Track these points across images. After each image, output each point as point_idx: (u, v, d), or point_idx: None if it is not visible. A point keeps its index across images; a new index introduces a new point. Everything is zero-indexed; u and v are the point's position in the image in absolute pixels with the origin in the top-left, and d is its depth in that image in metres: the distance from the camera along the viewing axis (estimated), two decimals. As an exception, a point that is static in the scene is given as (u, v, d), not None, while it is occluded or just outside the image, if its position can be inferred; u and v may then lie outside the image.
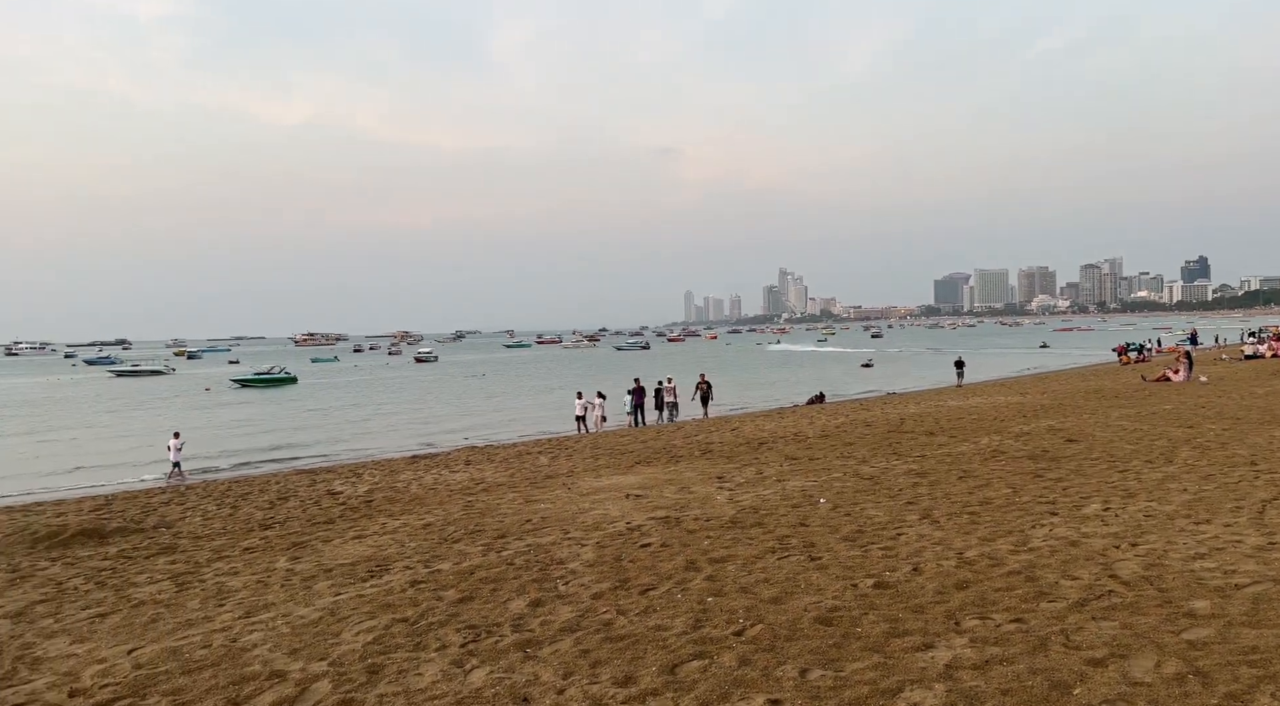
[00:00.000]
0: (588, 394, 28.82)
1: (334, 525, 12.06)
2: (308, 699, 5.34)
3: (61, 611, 8.15)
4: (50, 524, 13.30)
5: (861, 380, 52.87)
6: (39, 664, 6.54)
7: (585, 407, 27.95)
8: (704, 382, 30.98)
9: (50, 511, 15.40)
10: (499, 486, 14.79)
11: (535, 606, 6.88)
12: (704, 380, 31.25)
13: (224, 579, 8.97)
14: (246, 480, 19.11)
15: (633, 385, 29.70)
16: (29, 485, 22.56)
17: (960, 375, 40.59)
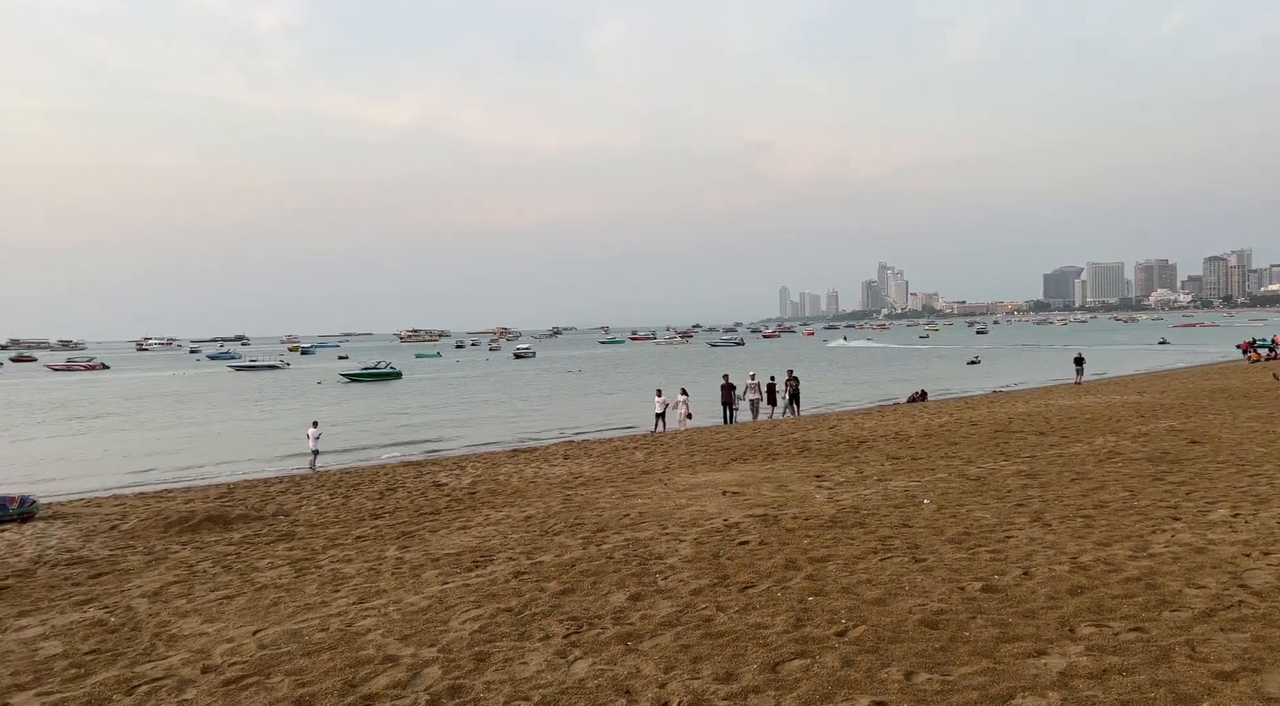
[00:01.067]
0: (668, 391, 28.57)
1: (440, 516, 12.45)
2: (419, 683, 5.54)
3: (193, 592, 8.67)
4: (180, 510, 14.16)
5: (966, 377, 51.26)
6: (175, 641, 6.99)
7: (665, 405, 27.73)
8: (792, 379, 30.27)
9: (180, 498, 16.40)
10: (596, 481, 14.99)
11: (635, 600, 6.96)
12: (791, 377, 30.54)
13: (339, 566, 9.39)
14: (357, 471, 19.90)
15: (749, 379, 29.37)
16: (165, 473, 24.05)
17: (1080, 372, 38.79)
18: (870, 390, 44.49)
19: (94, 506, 16.02)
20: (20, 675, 6.40)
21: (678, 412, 27.25)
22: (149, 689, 5.84)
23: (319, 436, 23.69)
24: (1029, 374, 51.86)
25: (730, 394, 28.44)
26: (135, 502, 16.18)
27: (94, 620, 7.83)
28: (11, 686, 6.16)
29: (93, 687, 5.97)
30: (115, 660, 6.60)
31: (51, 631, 7.57)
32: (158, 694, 5.74)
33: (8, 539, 12.60)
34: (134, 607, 8.19)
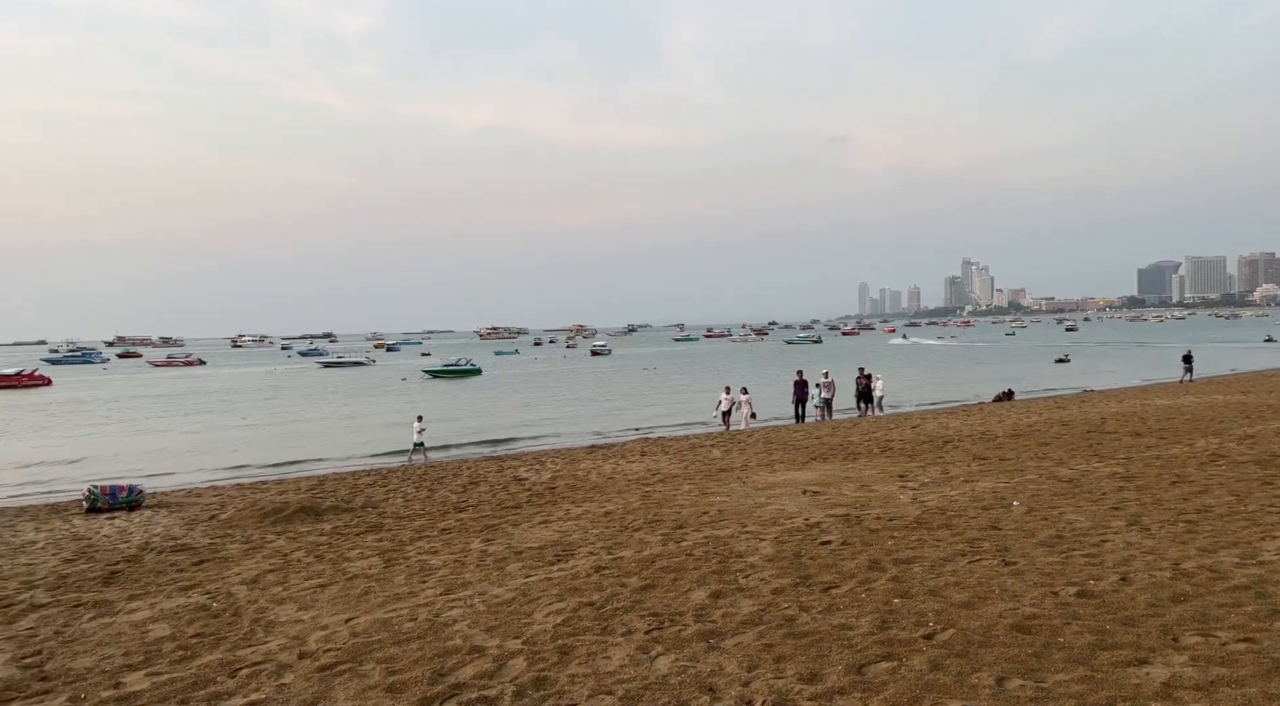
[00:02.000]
0: (734, 389, 28.12)
1: (521, 510, 12.64)
2: (505, 674, 5.65)
3: (288, 580, 9.01)
4: (274, 501, 14.72)
5: (1055, 376, 49.56)
6: (272, 627, 7.28)
7: (732, 403, 27.30)
8: (864, 378, 29.38)
9: (274, 490, 17.05)
10: (674, 478, 15.01)
11: (716, 598, 6.95)
12: (864, 375, 29.63)
13: (425, 557, 9.62)
14: (440, 465, 20.36)
15: (822, 377, 28.60)
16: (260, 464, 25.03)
17: (1188, 371, 37.00)
18: (954, 389, 43.40)
19: (194, 496, 16.78)
20: (132, 655, 6.76)
21: (742, 412, 26.86)
22: (250, 672, 6.10)
23: (423, 429, 24.33)
24: (1123, 373, 49.86)
25: (803, 391, 27.75)
26: (233, 493, 16.90)
27: (198, 605, 8.22)
28: (124, 666, 6.51)
29: (198, 669, 6.26)
30: (218, 643, 6.91)
31: (159, 614, 7.97)
32: (258, 677, 5.98)
33: (118, 526, 13.31)
34: (234, 594, 8.56)
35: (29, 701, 5.89)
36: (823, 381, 28.29)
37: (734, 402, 27.06)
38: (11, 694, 6.06)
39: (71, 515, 14.69)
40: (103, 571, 10.11)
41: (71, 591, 9.21)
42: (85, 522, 13.81)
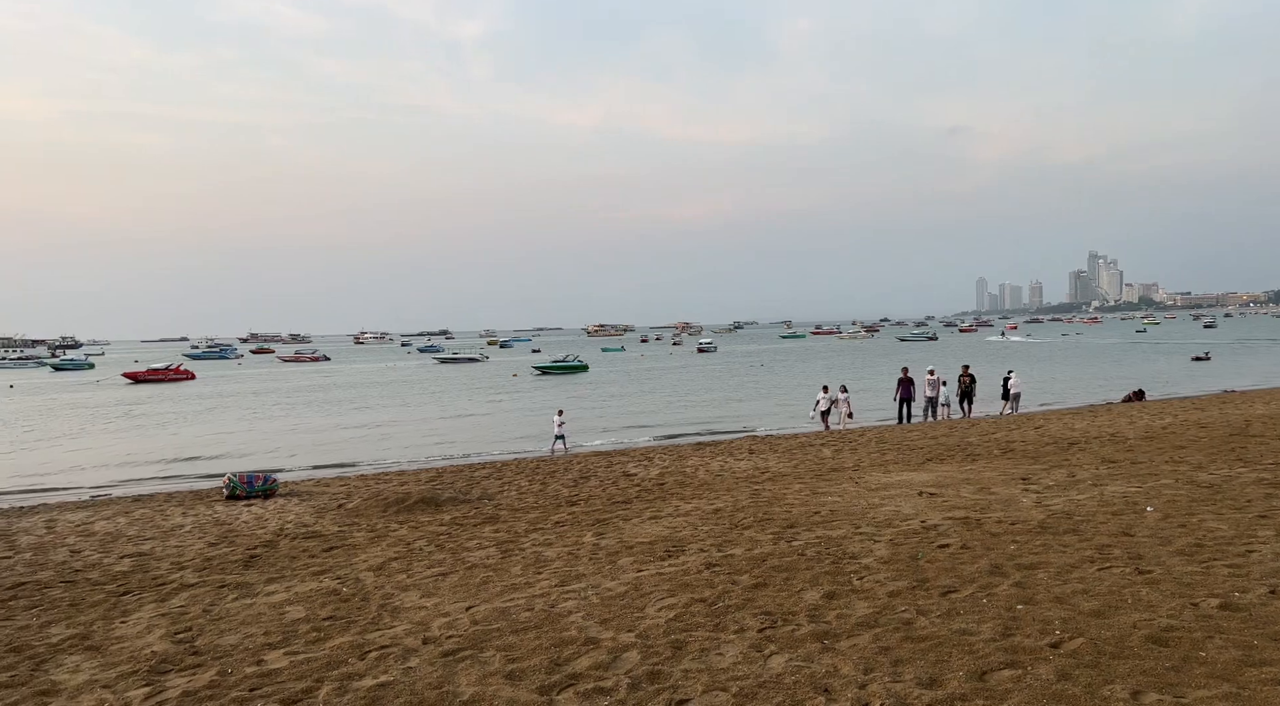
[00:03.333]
0: (833, 387, 27.16)
1: (631, 505, 12.79)
2: (619, 666, 5.75)
3: (411, 568, 9.40)
4: (396, 491, 15.36)
5: (1192, 375, 46.62)
6: (398, 612, 7.62)
7: (830, 402, 26.49)
8: (966, 376, 27.78)
9: (395, 480, 17.78)
10: (784, 476, 14.88)
11: (830, 598, 6.87)
12: (966, 373, 27.98)
13: (540, 549, 9.87)
14: (551, 460, 20.78)
15: (928, 375, 27.52)
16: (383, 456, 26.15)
17: None
18: (1079, 388, 41.39)
19: (323, 486, 17.67)
20: (271, 634, 7.19)
21: (840, 411, 26.14)
22: (378, 655, 6.40)
23: (563, 422, 24.94)
24: (1269, 372, 46.45)
25: (909, 389, 26.66)
26: (357, 483, 17.71)
27: (329, 589, 8.67)
28: (264, 644, 6.94)
29: (331, 650, 6.61)
30: (348, 627, 7.27)
31: (295, 597, 8.45)
32: (386, 660, 6.27)
33: (255, 512, 14.16)
34: (362, 580, 8.99)
35: (183, 673, 6.36)
36: (929, 379, 27.17)
37: (832, 401, 26.40)
38: (168, 666, 6.56)
39: (213, 501, 15.70)
40: (243, 555, 10.78)
41: (216, 573, 9.87)
42: (225, 509, 14.74)
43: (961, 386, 27.51)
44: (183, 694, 5.89)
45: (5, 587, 9.57)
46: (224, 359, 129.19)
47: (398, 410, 43.45)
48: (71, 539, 12.45)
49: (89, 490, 20.67)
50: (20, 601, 8.95)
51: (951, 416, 26.90)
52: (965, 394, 27.36)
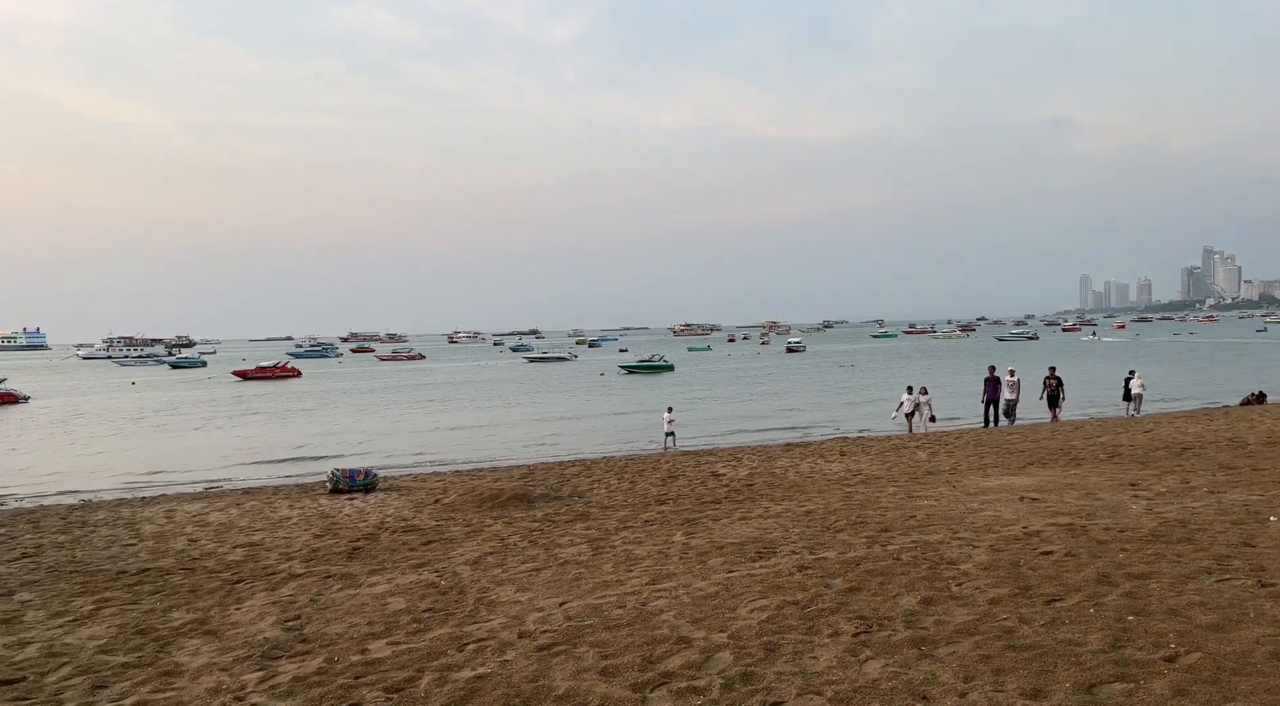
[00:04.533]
0: (917, 388, 26.23)
1: (720, 505, 12.76)
2: (712, 666, 5.75)
3: (506, 563, 9.60)
4: (490, 488, 15.70)
5: (1318, 377, 43.71)
6: (494, 606, 7.79)
7: (914, 404, 25.60)
8: (1052, 378, 26.29)
9: (489, 477, 18.18)
10: (877, 479, 14.61)
11: (927, 604, 6.72)
12: (1053, 375, 26.48)
13: (630, 547, 9.94)
14: (640, 458, 20.91)
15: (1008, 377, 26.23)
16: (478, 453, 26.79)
17: None
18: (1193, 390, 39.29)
19: (420, 481, 18.21)
20: (374, 625, 7.46)
21: (923, 414, 25.24)
22: (476, 647, 6.57)
23: (674, 420, 25.19)
24: None
25: (995, 390, 25.54)
26: (453, 479, 18.19)
27: (428, 582, 8.93)
28: (368, 634, 7.20)
29: (431, 642, 6.82)
30: (447, 619, 7.48)
31: (395, 589, 8.73)
32: (483, 652, 6.43)
33: (356, 506, 14.69)
34: (459, 573, 9.23)
35: (293, 659, 6.66)
36: (1008, 381, 25.85)
37: (916, 403, 25.59)
38: (279, 652, 6.87)
39: (318, 495, 16.36)
40: (346, 547, 11.21)
41: (321, 563, 10.29)
42: (329, 502, 15.35)
43: (1047, 388, 26.22)
44: (293, 679, 6.17)
45: (132, 573, 10.19)
46: (325, 357, 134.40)
47: (491, 408, 44.40)
48: (189, 528, 13.16)
49: (203, 482, 21.80)
50: (145, 586, 9.51)
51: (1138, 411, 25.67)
52: (1052, 397, 26.09)
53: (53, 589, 9.53)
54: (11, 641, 7.55)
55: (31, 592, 9.38)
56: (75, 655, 7.10)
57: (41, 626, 8.03)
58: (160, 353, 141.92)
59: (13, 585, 9.76)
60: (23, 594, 9.34)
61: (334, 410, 45.42)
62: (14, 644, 7.49)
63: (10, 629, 7.98)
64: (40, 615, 8.43)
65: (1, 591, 9.47)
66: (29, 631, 7.87)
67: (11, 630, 7.94)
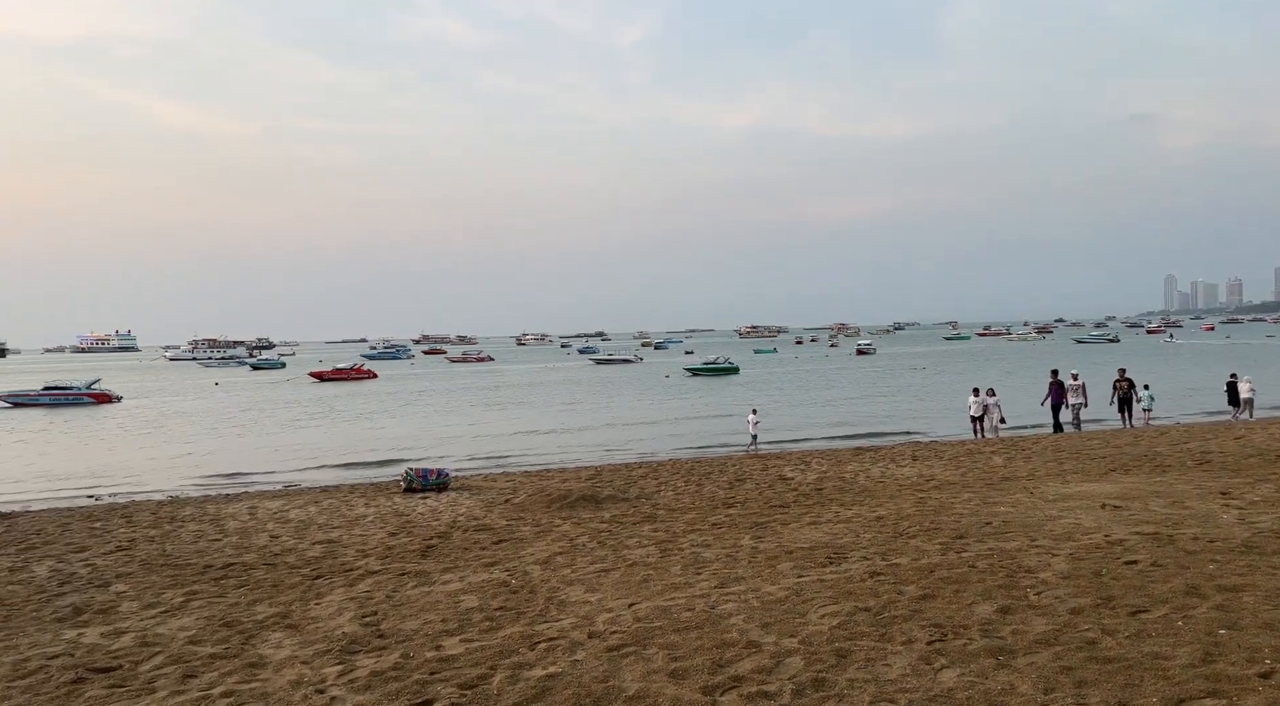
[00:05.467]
0: (984, 392, 25.31)
1: (789, 510, 12.66)
2: (782, 671, 5.71)
3: (575, 563, 9.69)
4: (559, 488, 15.85)
5: None
6: (564, 606, 7.88)
7: (982, 407, 24.78)
8: (1123, 381, 24.99)
9: (557, 478, 18.37)
10: (951, 485, 14.30)
11: (1004, 613, 6.56)
12: (1123, 377, 25.20)
13: (698, 550, 9.94)
14: (706, 461, 20.87)
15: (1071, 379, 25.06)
16: (545, 454, 27.09)
17: None
18: None
19: (490, 481, 18.50)
20: (448, 622, 7.61)
21: (991, 418, 24.38)
22: (547, 646, 6.65)
23: (758, 422, 25.17)
24: None
25: (1060, 395, 24.59)
26: (522, 480, 18.42)
27: (499, 581, 9.07)
28: (442, 631, 7.35)
29: (503, 640, 6.93)
30: (518, 617, 7.59)
31: (468, 587, 8.89)
32: (554, 651, 6.51)
33: (430, 505, 15.00)
34: (529, 573, 9.35)
35: (370, 654, 6.84)
36: (1072, 384, 24.72)
37: (983, 406, 24.75)
38: (357, 646, 7.07)
39: (392, 494, 16.75)
40: (420, 545, 11.45)
41: (396, 561, 10.54)
42: (403, 501, 15.70)
43: (1119, 392, 25.00)
44: (371, 673, 6.33)
45: (218, 567, 10.60)
46: (397, 359, 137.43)
47: (558, 410, 44.81)
48: (270, 525, 13.62)
49: (283, 480, 22.51)
50: (230, 580, 9.88)
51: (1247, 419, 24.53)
52: (1124, 401, 24.89)
53: (145, 581, 9.97)
54: (109, 630, 7.93)
55: (126, 584, 9.83)
56: (166, 645, 7.41)
57: (136, 617, 8.41)
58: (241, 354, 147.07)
59: (109, 577, 10.25)
60: (118, 585, 9.79)
61: (407, 411, 46.42)
62: (111, 633, 7.86)
63: (107, 618, 8.38)
64: (134, 606, 8.83)
65: (99, 582, 9.95)
66: (124, 621, 8.25)
67: (109, 619, 8.34)
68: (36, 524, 14.64)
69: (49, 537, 13.10)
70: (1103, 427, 24.60)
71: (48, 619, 8.46)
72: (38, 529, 14.00)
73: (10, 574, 10.61)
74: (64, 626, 8.17)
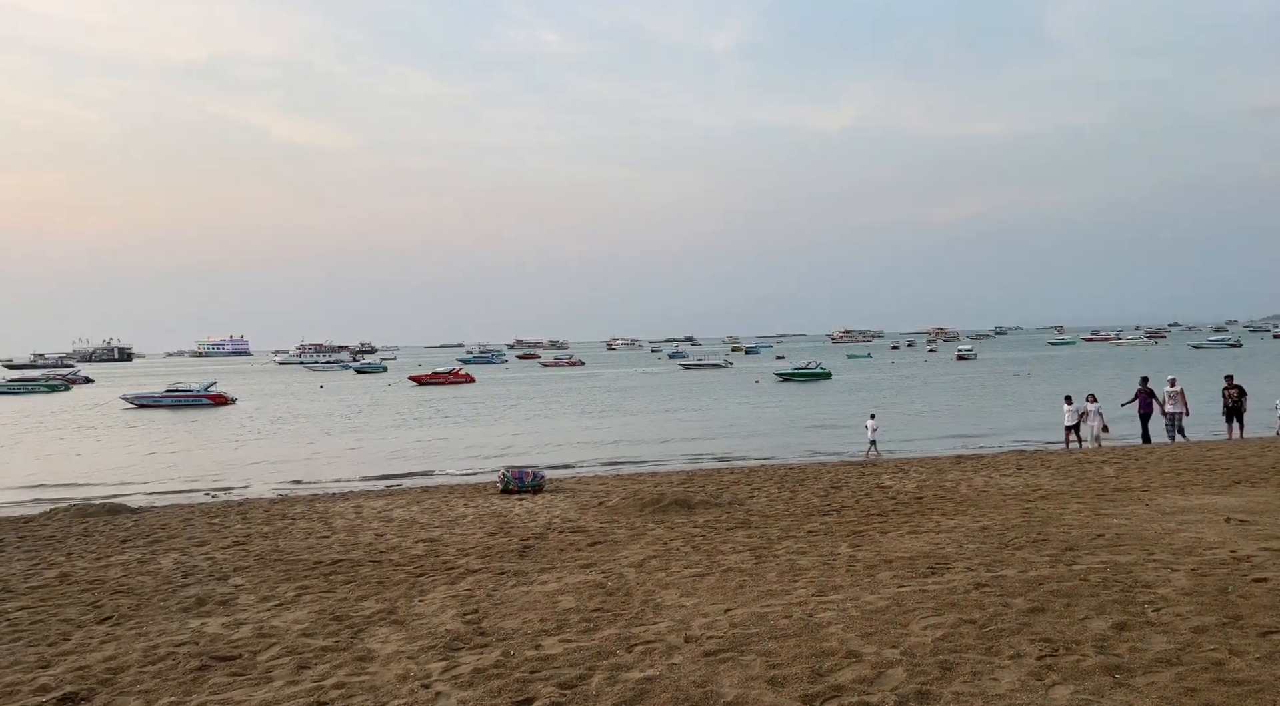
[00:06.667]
0: (1079, 398, 24.09)
1: (887, 518, 12.39)
2: (884, 682, 5.60)
3: (669, 567, 9.71)
4: (651, 492, 15.92)
5: None
6: (659, 609, 7.90)
7: (1077, 415, 23.56)
8: (1232, 389, 23.31)
9: (649, 481, 18.45)
10: (1059, 495, 13.75)
11: (1120, 630, 6.27)
12: (1232, 385, 23.47)
13: (794, 557, 9.82)
14: (800, 467, 20.62)
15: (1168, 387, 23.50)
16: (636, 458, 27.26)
17: None
18: None
19: (584, 483, 18.72)
20: (546, 622, 7.73)
21: (1090, 424, 23.16)
22: (644, 649, 6.68)
23: (877, 428, 24.94)
24: None
25: (1148, 404, 23.24)
26: (615, 483, 18.58)
27: (595, 582, 9.16)
28: (541, 631, 7.47)
29: (600, 641, 6.99)
30: (614, 619, 7.65)
31: (565, 588, 9.02)
32: (651, 655, 6.53)
33: (525, 506, 15.27)
34: (624, 575, 9.41)
35: (473, 651, 7.01)
36: (1169, 392, 23.23)
37: (1080, 414, 23.52)
38: (460, 644, 7.25)
39: (489, 494, 17.13)
40: (517, 545, 11.67)
41: (495, 560, 10.77)
42: (500, 501, 16.03)
43: (1228, 401, 23.40)
44: (473, 670, 6.48)
45: (327, 563, 11.03)
46: (491, 363, 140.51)
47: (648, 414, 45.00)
48: (375, 523, 14.10)
49: (383, 480, 23.29)
50: (339, 576, 10.27)
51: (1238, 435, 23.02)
52: (1234, 410, 23.25)
53: (261, 575, 10.46)
54: (229, 621, 8.36)
55: (243, 578, 10.33)
56: (282, 637, 7.76)
57: (253, 608, 8.83)
58: (345, 358, 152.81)
59: (228, 570, 10.79)
60: (236, 578, 10.31)
61: (503, 413, 47.39)
62: (231, 623, 8.27)
63: (227, 610, 8.83)
64: (251, 598, 9.28)
65: (219, 575, 10.50)
66: (243, 612, 8.68)
67: (228, 611, 8.78)
68: (161, 519, 15.54)
69: (173, 532, 13.88)
70: (1213, 438, 23.23)
71: (174, 608, 8.96)
72: (162, 523, 14.86)
73: (140, 565, 11.29)
74: (188, 616, 8.64)
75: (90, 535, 13.82)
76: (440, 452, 30.63)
